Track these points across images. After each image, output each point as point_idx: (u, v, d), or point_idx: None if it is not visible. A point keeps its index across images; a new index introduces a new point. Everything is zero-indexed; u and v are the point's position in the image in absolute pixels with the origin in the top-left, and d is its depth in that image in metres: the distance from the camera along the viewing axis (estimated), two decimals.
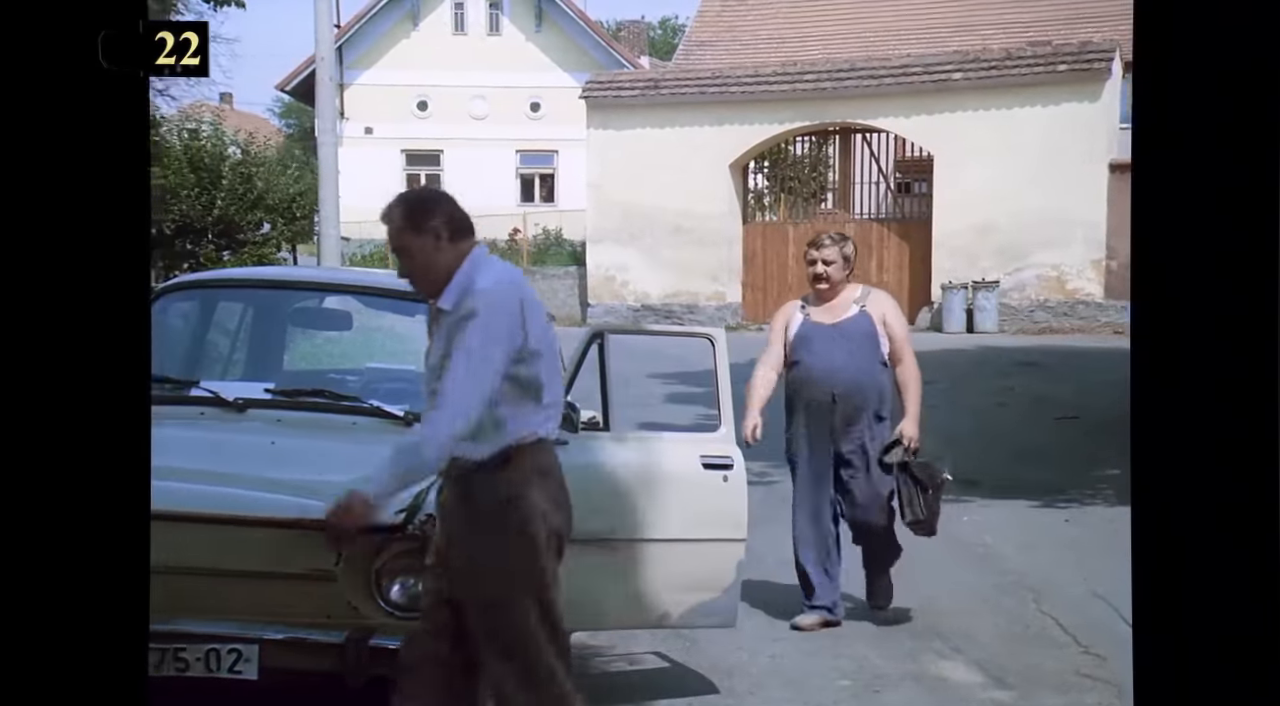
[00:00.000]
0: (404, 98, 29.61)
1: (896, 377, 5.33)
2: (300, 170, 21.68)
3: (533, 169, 30.77)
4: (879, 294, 5.51)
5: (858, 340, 5.28)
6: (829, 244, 5.36)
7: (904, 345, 5.34)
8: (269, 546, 3.47)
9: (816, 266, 5.32)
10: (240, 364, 5.07)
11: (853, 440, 5.28)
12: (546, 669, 3.15)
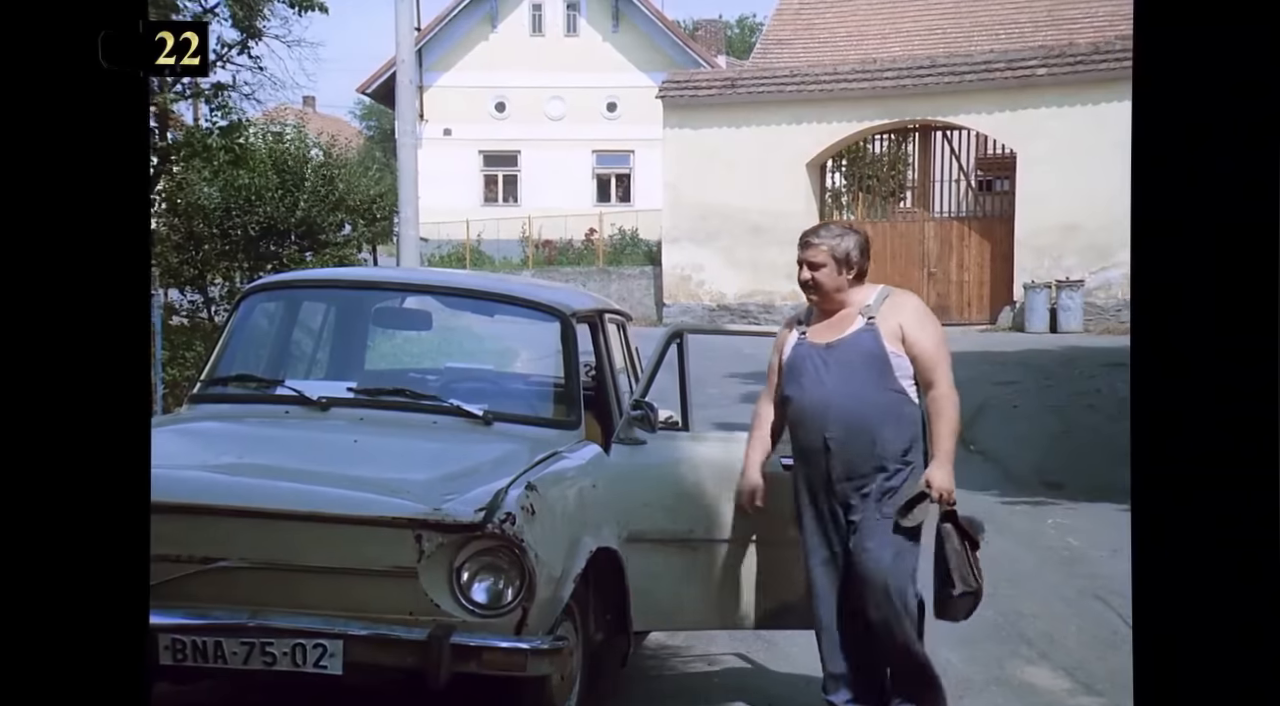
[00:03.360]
0: (482, 99, 29.85)
1: (926, 407, 4.08)
2: (380, 172, 21.93)
3: (609, 169, 30.84)
4: (900, 298, 4.13)
5: (856, 364, 4.00)
6: (815, 241, 4.09)
7: (935, 363, 4.01)
8: (353, 543, 3.51)
9: (802, 271, 4.10)
10: (323, 363, 5.14)
11: (859, 497, 3.99)
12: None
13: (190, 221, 15.19)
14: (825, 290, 4.06)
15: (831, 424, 4.00)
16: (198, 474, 3.79)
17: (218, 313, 15.02)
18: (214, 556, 3.51)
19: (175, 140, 15.68)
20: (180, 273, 15.10)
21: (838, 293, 4.06)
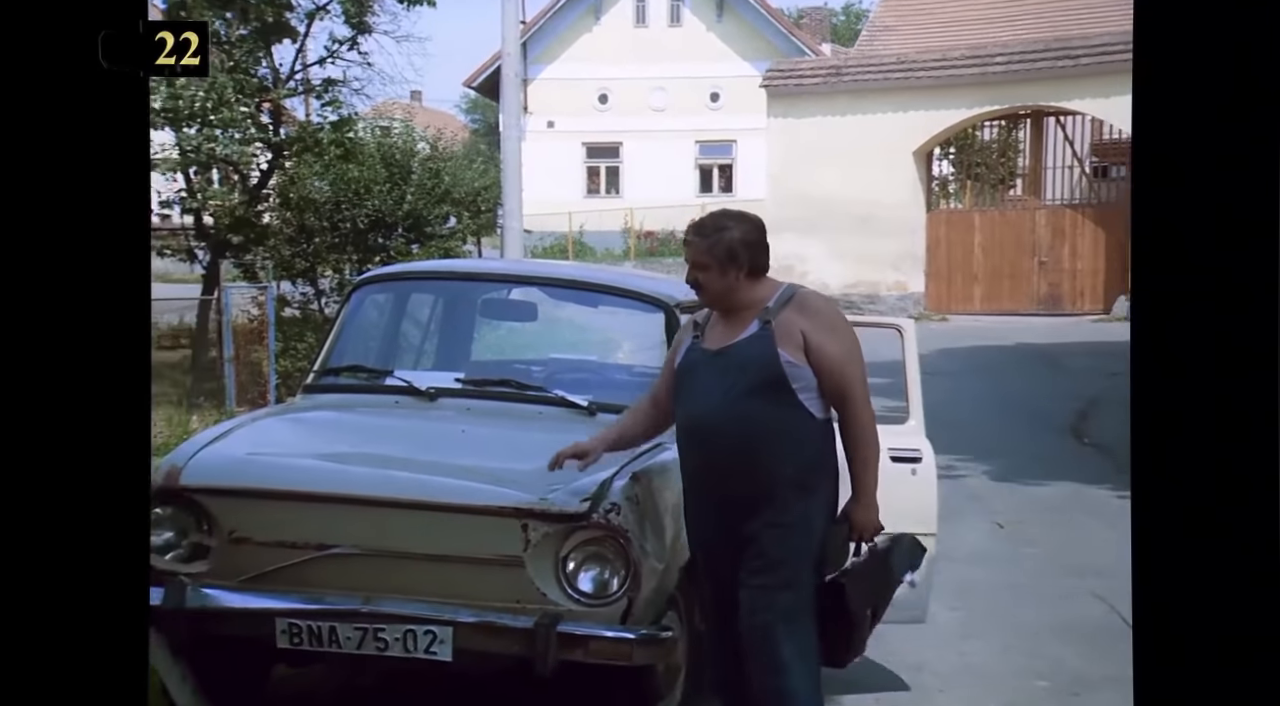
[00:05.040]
0: (585, 91, 29.99)
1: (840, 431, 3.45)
2: (485, 165, 22.17)
3: (711, 159, 30.75)
4: (805, 298, 3.49)
5: (744, 374, 3.39)
6: (693, 238, 3.52)
7: (842, 377, 3.37)
8: (461, 531, 3.56)
9: (690, 271, 3.56)
10: (431, 354, 5.21)
11: (748, 534, 3.38)
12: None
13: (302, 215, 15.52)
14: (711, 293, 3.50)
15: (714, 442, 3.41)
16: (312, 462, 3.88)
17: (327, 304, 15.34)
18: (328, 543, 3.58)
19: (288, 135, 16.05)
20: (292, 265, 15.45)
21: (729, 293, 3.48)
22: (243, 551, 3.63)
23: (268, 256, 15.50)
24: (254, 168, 16.18)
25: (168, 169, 15.79)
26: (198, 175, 15.78)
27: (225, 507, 3.66)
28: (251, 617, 3.57)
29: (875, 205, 19.91)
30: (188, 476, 3.68)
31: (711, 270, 3.47)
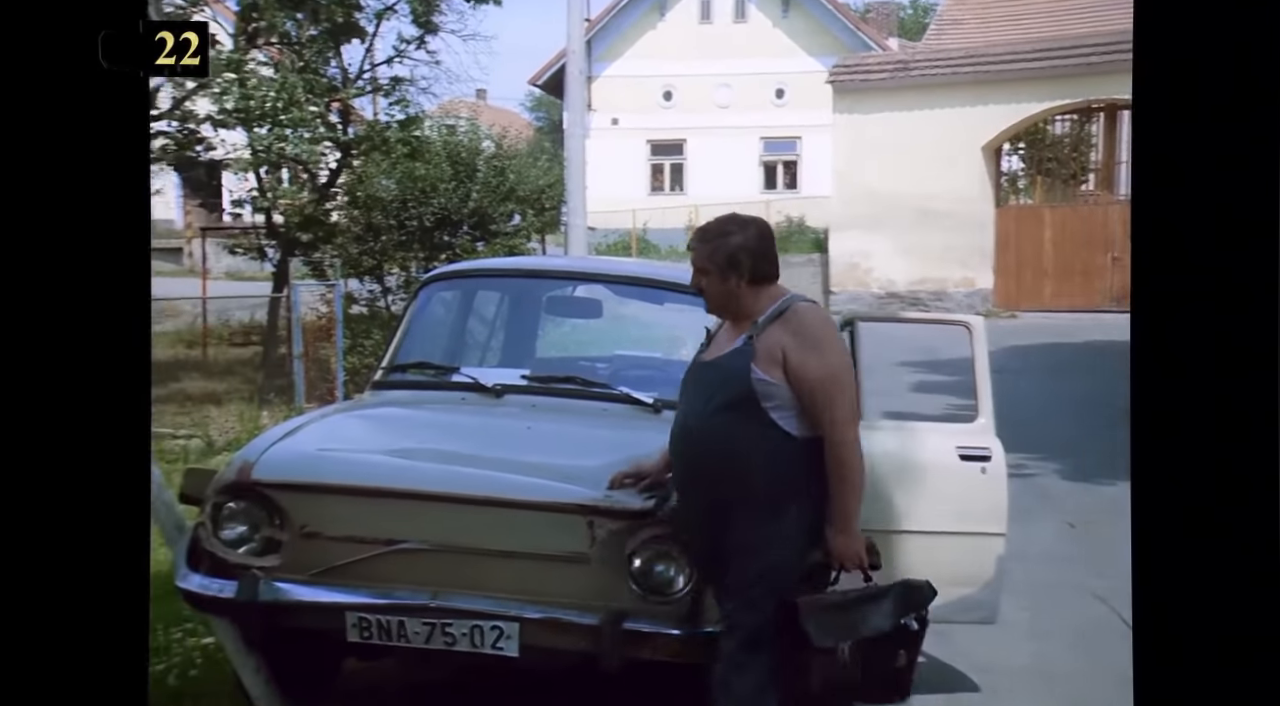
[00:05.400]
0: (650, 88, 29.99)
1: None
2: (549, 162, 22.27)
3: (776, 156, 30.61)
4: (795, 312, 3.33)
5: (720, 388, 3.32)
6: (695, 244, 3.46)
7: (822, 398, 3.23)
8: (528, 528, 3.57)
9: (693, 276, 3.49)
10: (497, 350, 5.24)
11: (723, 551, 3.32)
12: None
13: (369, 213, 15.69)
14: (712, 300, 3.43)
15: (690, 456, 3.37)
16: (380, 458, 3.91)
17: (394, 302, 15.50)
18: (397, 538, 3.62)
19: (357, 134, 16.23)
20: (359, 263, 15.63)
21: (730, 301, 3.39)
22: (314, 546, 3.67)
23: (336, 254, 15.69)
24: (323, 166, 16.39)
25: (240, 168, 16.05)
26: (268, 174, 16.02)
27: (296, 502, 3.70)
28: (322, 611, 3.61)
29: (942, 201, 19.69)
30: (260, 471, 3.74)
31: (712, 276, 3.39)
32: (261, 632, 3.74)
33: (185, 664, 4.66)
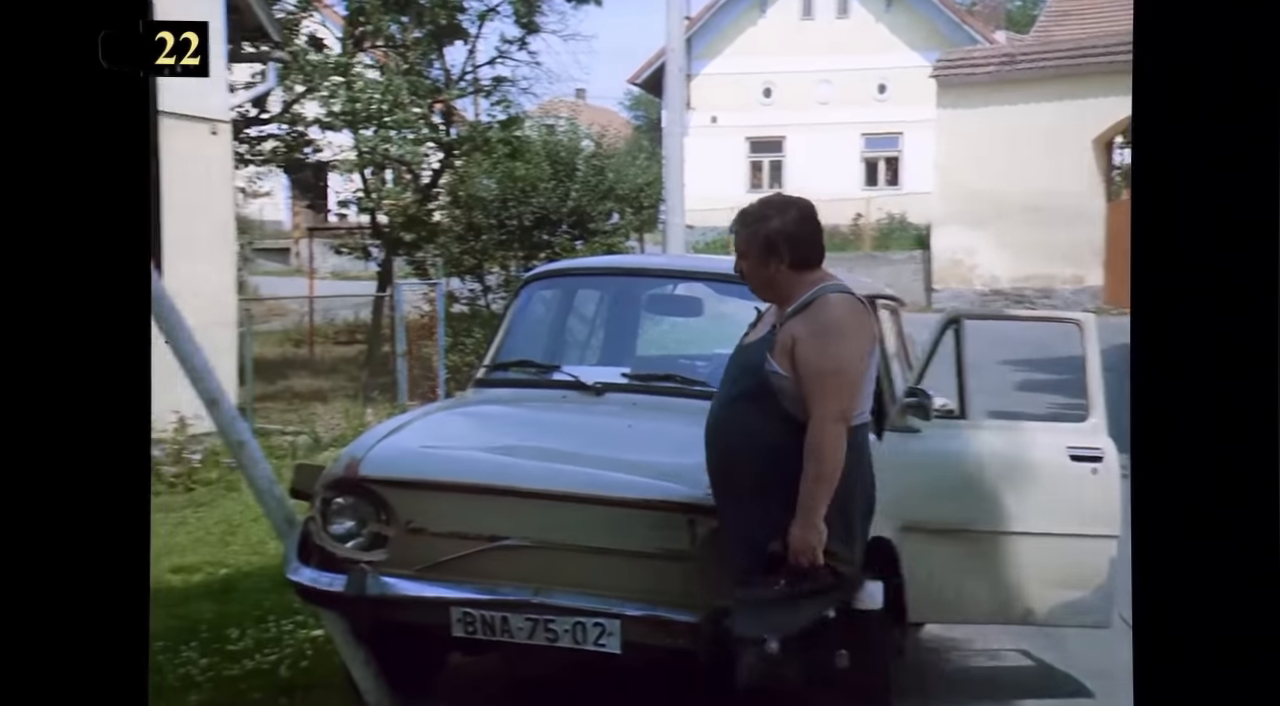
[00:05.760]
0: (749, 85, 29.84)
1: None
2: (648, 161, 22.29)
3: (877, 152, 30.25)
4: (820, 302, 3.24)
5: (740, 376, 3.32)
6: (736, 227, 3.40)
7: (810, 389, 3.16)
8: (629, 526, 3.58)
9: (735, 260, 3.46)
10: (597, 349, 5.26)
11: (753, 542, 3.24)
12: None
13: (470, 212, 15.88)
14: (752, 284, 3.38)
15: (711, 443, 3.34)
16: (483, 455, 3.95)
17: (494, 300, 15.67)
18: (499, 535, 3.65)
19: (459, 135, 16.44)
20: (460, 262, 15.83)
21: (771, 286, 3.33)
22: (419, 541, 3.72)
23: (438, 253, 15.92)
24: (426, 167, 16.63)
25: (345, 170, 16.38)
26: (373, 175, 16.31)
27: (402, 498, 3.75)
28: (428, 606, 3.66)
29: (1050, 196, 19.27)
30: (366, 468, 3.80)
31: (751, 260, 3.32)
32: (369, 626, 3.80)
33: (296, 655, 4.76)
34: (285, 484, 4.09)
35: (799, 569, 3.11)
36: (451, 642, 3.82)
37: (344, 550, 3.78)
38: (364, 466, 3.80)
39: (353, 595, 3.68)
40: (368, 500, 3.79)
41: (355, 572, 3.70)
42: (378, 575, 3.70)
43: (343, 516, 3.82)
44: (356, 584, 3.68)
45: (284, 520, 3.96)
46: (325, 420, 11.59)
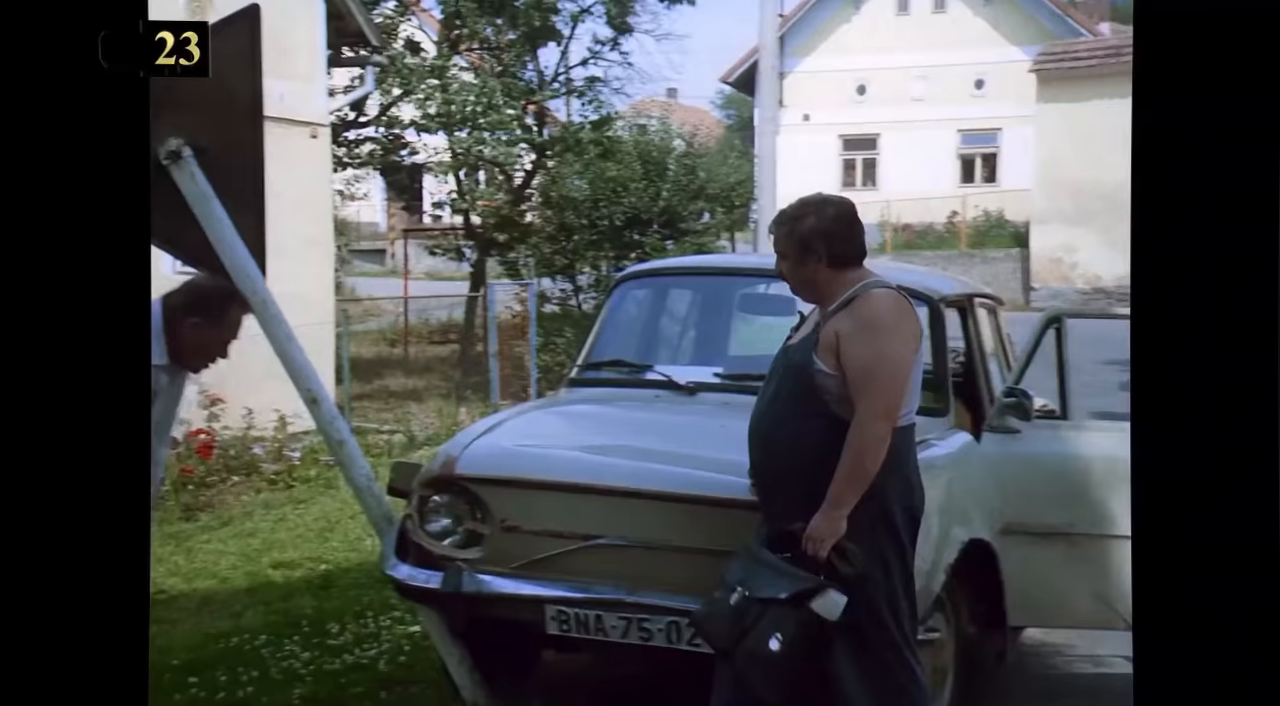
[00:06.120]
0: (843, 83, 29.57)
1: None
2: (739, 160, 22.23)
3: (974, 149, 29.77)
4: (863, 299, 3.22)
5: (784, 377, 3.30)
6: (776, 226, 3.39)
7: (857, 386, 3.13)
8: (722, 525, 3.56)
9: (776, 261, 3.43)
10: (689, 349, 5.25)
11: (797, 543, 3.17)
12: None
13: (562, 213, 16.00)
14: (792, 283, 3.36)
15: (756, 444, 3.31)
16: (576, 454, 3.97)
17: (585, 300, 15.75)
18: (593, 533, 3.66)
19: (551, 136, 16.56)
20: (552, 262, 15.95)
21: (811, 285, 3.31)
22: (514, 539, 3.75)
23: (530, 254, 16.05)
24: (518, 168, 16.77)
25: (440, 171, 16.60)
26: (467, 177, 16.51)
27: (497, 496, 3.79)
28: (523, 603, 3.69)
29: None
30: (462, 466, 3.84)
31: (790, 260, 3.31)
32: (465, 623, 3.84)
33: (395, 650, 4.84)
34: (383, 482, 4.15)
35: (805, 553, 3.11)
36: (546, 640, 3.84)
37: (440, 547, 3.82)
38: (460, 465, 3.84)
39: (449, 592, 3.72)
40: (463, 498, 3.82)
41: (451, 569, 3.74)
42: (473, 572, 3.73)
43: (439, 514, 3.86)
44: (452, 581, 3.72)
45: (382, 517, 4.02)
46: (420, 419, 11.75)
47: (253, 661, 4.78)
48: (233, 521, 7.95)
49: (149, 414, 2.21)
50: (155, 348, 3.33)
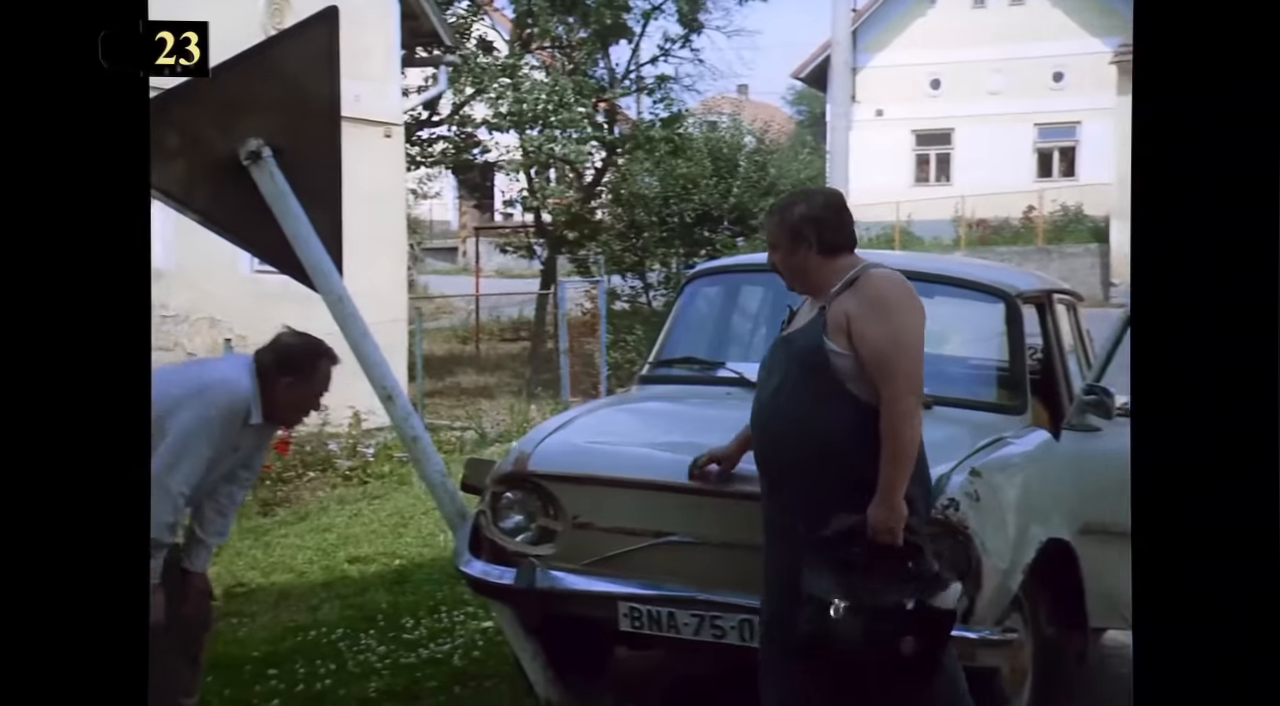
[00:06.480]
0: (916, 77, 29.23)
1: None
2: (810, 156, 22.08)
3: (1051, 142, 29.26)
4: (866, 278, 3.22)
5: (794, 363, 3.26)
6: (767, 218, 3.45)
7: (882, 365, 3.12)
8: None
9: (768, 253, 3.46)
10: (760, 345, 5.22)
11: (819, 529, 3.14)
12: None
13: (632, 210, 16.01)
14: (785, 274, 3.36)
15: (768, 435, 3.29)
16: (648, 451, 3.96)
17: (655, 297, 15.75)
18: (665, 531, 3.65)
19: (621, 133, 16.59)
20: (622, 259, 15.97)
21: (803, 274, 3.31)
22: (586, 536, 3.75)
23: (600, 251, 16.09)
24: (589, 166, 16.83)
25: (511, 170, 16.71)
26: (538, 175, 16.59)
27: (569, 493, 3.79)
28: (596, 600, 3.69)
29: None
30: (535, 463, 3.85)
31: (782, 250, 3.33)
32: (538, 619, 3.86)
33: (468, 645, 4.87)
34: (456, 478, 4.18)
35: (879, 547, 3.08)
36: (618, 636, 3.84)
37: (513, 544, 3.84)
38: (532, 461, 3.85)
39: (522, 588, 3.74)
40: (536, 495, 3.84)
41: (524, 566, 3.76)
42: (546, 569, 3.74)
43: (512, 511, 3.88)
44: (525, 577, 3.74)
45: (456, 513, 4.05)
46: (491, 415, 11.83)
47: (330, 654, 4.84)
48: (309, 516, 8.07)
49: (149, 414, 2.18)
50: (252, 410, 3.47)
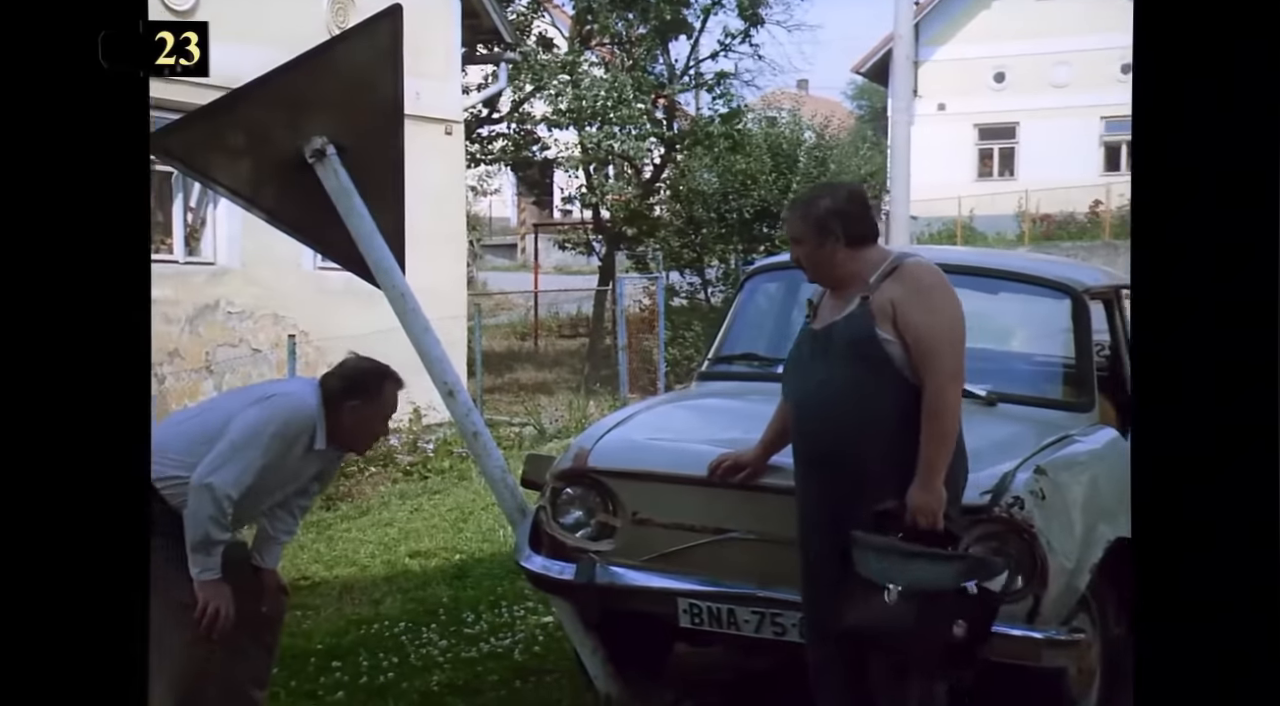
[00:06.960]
0: (980, 71, 28.89)
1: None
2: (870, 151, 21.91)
3: (1119, 136, 28.74)
4: (907, 267, 3.30)
5: (844, 354, 3.27)
6: (789, 214, 3.49)
7: (928, 351, 3.18)
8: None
9: (790, 249, 3.51)
10: None
11: (874, 515, 3.19)
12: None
13: (690, 206, 15.99)
14: (811, 268, 3.38)
15: (807, 433, 3.32)
16: (707, 448, 3.94)
17: (714, 294, 15.72)
18: (724, 528, 3.64)
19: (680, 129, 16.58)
20: (680, 256, 15.95)
21: (830, 267, 3.34)
22: (645, 532, 3.75)
23: (658, 247, 16.08)
24: (647, 162, 16.83)
25: (570, 166, 16.75)
26: (596, 171, 16.62)
27: (628, 490, 3.80)
28: (656, 596, 3.69)
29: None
30: (595, 459, 3.86)
31: (807, 244, 3.36)
32: (598, 614, 3.87)
33: (529, 640, 4.89)
34: (515, 474, 4.19)
35: (918, 530, 3.12)
36: (678, 633, 3.84)
37: (573, 539, 3.85)
38: (592, 458, 3.86)
39: (581, 583, 3.75)
40: (596, 491, 3.84)
41: (584, 561, 3.76)
42: (606, 564, 3.75)
43: (572, 506, 3.89)
44: (585, 573, 3.74)
45: (516, 509, 4.06)
46: (550, 411, 11.88)
47: (392, 647, 4.89)
48: (370, 511, 8.16)
49: (149, 415, 2.19)
50: (318, 433, 3.44)
